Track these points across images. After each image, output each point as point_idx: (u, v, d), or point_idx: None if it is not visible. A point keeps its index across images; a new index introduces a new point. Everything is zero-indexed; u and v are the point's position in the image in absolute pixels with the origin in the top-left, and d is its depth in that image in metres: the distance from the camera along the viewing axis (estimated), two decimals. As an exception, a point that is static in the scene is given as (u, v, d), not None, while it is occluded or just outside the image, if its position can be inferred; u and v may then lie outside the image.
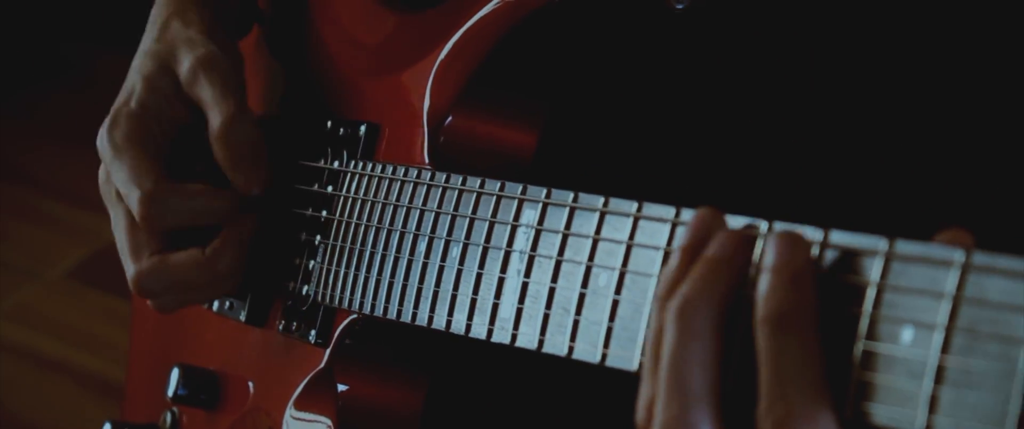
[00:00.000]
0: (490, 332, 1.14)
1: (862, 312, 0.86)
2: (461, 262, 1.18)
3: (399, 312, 1.24)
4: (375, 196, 1.30)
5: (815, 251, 0.89)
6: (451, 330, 1.18)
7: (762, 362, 0.88)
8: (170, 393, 1.49)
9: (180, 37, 1.40)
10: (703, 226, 0.95)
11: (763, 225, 0.94)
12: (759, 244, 0.92)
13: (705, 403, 0.90)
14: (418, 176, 1.25)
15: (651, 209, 1.02)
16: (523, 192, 1.14)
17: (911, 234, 0.86)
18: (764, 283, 0.89)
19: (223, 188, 1.37)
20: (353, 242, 1.31)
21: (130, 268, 1.38)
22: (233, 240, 1.37)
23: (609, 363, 1.03)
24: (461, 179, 1.21)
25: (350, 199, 1.33)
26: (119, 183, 1.36)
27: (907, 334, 0.83)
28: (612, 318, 1.02)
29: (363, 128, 1.35)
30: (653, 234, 1.01)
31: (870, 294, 0.86)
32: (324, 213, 1.36)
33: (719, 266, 0.92)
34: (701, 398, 0.90)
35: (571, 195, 1.09)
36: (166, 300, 1.39)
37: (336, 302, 1.32)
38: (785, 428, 0.86)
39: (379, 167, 1.31)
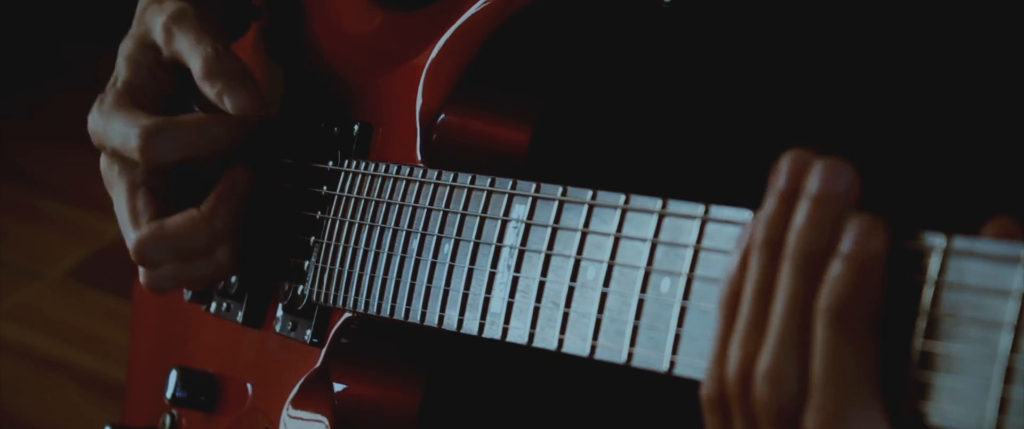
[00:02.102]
0: (481, 326, 1.14)
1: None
2: (453, 258, 1.18)
3: (392, 309, 1.24)
4: (369, 195, 1.30)
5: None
6: (443, 326, 1.19)
7: (817, 351, 0.86)
8: (168, 395, 1.49)
9: (154, 12, 1.41)
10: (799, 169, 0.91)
11: None
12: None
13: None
14: (410, 173, 1.26)
15: (638, 201, 1.02)
16: (513, 187, 1.14)
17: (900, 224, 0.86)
18: (834, 269, 0.86)
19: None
20: (347, 241, 1.31)
21: (131, 237, 1.38)
22: (228, 192, 1.37)
23: (598, 355, 1.03)
24: (452, 175, 1.21)
25: (344, 198, 1.33)
26: (114, 138, 1.36)
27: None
28: (601, 310, 1.03)
29: (356, 127, 1.35)
30: (640, 226, 1.01)
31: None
32: (319, 213, 1.37)
33: (824, 206, 0.88)
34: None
35: (560, 189, 1.09)
36: (165, 271, 1.39)
37: (331, 301, 1.33)
38: (832, 423, 0.84)
39: (372, 166, 1.31)
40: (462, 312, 1.16)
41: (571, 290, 1.06)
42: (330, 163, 1.37)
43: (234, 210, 1.37)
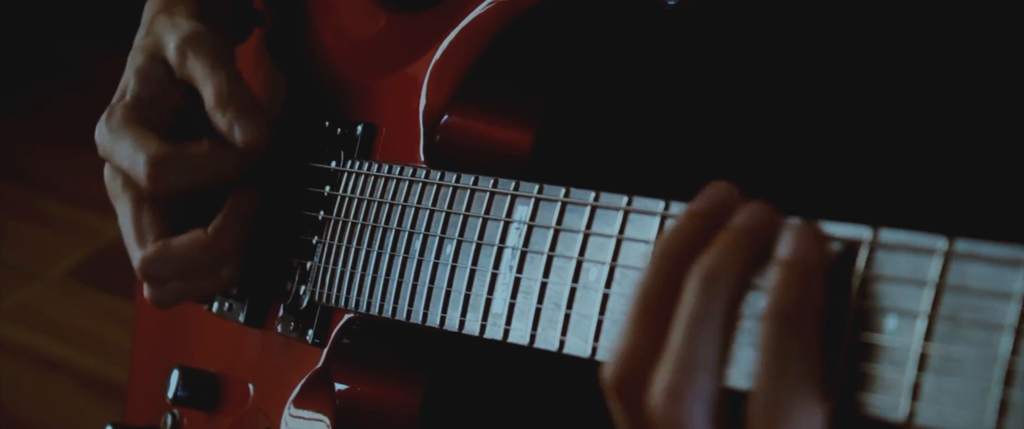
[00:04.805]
0: (483, 328, 1.14)
1: (849, 302, 0.86)
2: (455, 259, 1.19)
3: (394, 310, 1.24)
4: (371, 195, 1.30)
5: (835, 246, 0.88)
6: (445, 327, 1.19)
7: (762, 355, 0.87)
8: (170, 395, 1.50)
9: (165, 25, 1.41)
10: (719, 196, 0.94)
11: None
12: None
13: (713, 376, 0.89)
14: (413, 174, 1.26)
15: (640, 203, 1.02)
16: (516, 188, 1.15)
17: (900, 225, 0.86)
18: (775, 275, 0.88)
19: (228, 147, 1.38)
20: (350, 241, 1.32)
21: (136, 255, 1.38)
22: (234, 216, 1.38)
23: (600, 357, 1.03)
24: (455, 176, 1.21)
25: (347, 199, 1.34)
26: (122, 159, 1.37)
27: (891, 322, 0.84)
28: (602, 312, 1.03)
29: (360, 128, 1.36)
30: (642, 227, 1.01)
31: (855, 284, 0.86)
32: (321, 213, 1.37)
33: (745, 238, 0.90)
34: (711, 370, 0.89)
35: (562, 190, 1.10)
36: (170, 288, 1.39)
37: (333, 301, 1.33)
38: (779, 423, 0.87)
39: (375, 166, 1.31)
40: (464, 313, 1.17)
41: (573, 291, 1.06)
42: (333, 164, 1.37)
43: (239, 232, 1.38)
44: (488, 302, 1.14)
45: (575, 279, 1.06)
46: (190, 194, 1.38)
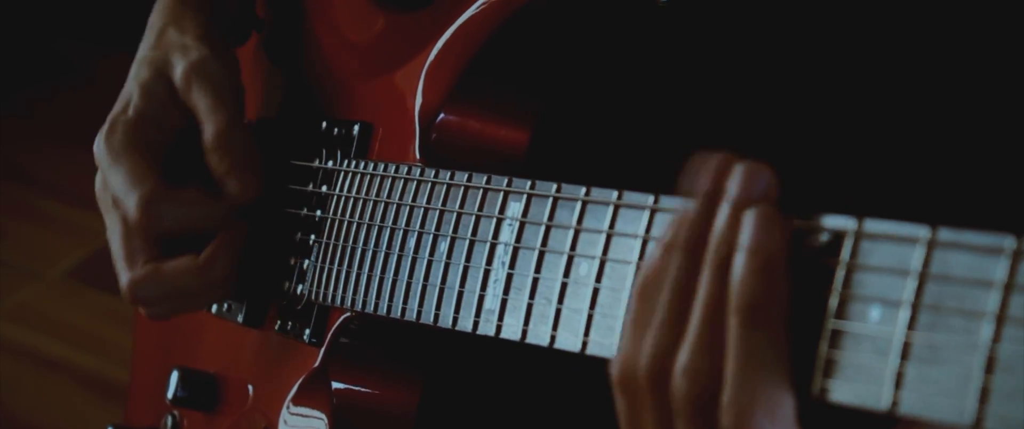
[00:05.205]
0: (476, 324, 1.15)
1: (832, 291, 0.87)
2: (449, 256, 1.19)
3: (389, 308, 1.25)
4: (367, 194, 1.31)
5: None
6: (438, 324, 1.19)
7: (730, 349, 0.88)
8: (169, 396, 1.50)
9: (174, 43, 1.41)
10: (720, 169, 0.94)
11: None
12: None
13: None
14: (408, 173, 1.26)
15: (630, 197, 1.03)
16: (508, 184, 1.15)
17: (886, 216, 0.87)
18: (738, 265, 0.89)
19: (217, 194, 1.38)
20: (346, 240, 1.32)
21: (124, 276, 1.39)
22: (226, 247, 1.38)
23: (590, 351, 1.03)
24: (449, 174, 1.21)
25: (343, 198, 1.34)
26: (116, 188, 1.37)
27: (875, 312, 0.84)
28: (593, 306, 1.03)
29: (356, 127, 1.36)
30: (632, 222, 1.02)
31: (840, 274, 0.87)
32: (318, 212, 1.37)
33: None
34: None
35: (554, 186, 1.10)
36: (161, 308, 1.40)
37: (329, 300, 1.33)
38: (745, 416, 0.87)
39: (372, 165, 1.32)
40: (457, 309, 1.17)
41: (564, 286, 1.06)
42: (330, 163, 1.38)
43: (230, 261, 1.39)
44: (481, 298, 1.14)
45: (566, 274, 1.06)
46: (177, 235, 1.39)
